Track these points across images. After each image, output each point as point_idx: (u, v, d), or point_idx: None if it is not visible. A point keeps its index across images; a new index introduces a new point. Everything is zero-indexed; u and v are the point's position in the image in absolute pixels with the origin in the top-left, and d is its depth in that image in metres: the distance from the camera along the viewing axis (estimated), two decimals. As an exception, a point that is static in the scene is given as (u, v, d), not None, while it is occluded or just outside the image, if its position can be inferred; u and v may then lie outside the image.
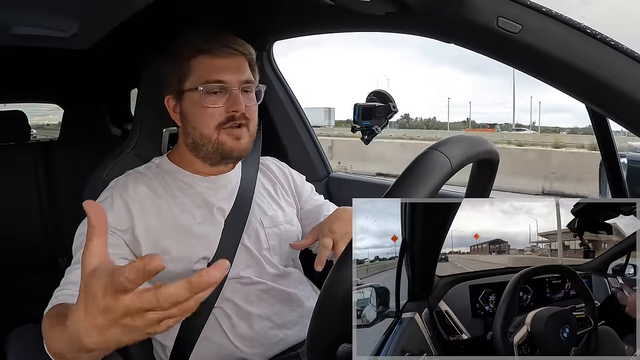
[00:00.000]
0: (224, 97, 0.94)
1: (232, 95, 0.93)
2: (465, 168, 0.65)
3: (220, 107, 0.93)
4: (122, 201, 0.93)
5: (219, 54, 0.94)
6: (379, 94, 1.15)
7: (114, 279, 0.49)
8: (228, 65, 0.94)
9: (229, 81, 0.93)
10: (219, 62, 0.94)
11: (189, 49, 0.95)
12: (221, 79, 0.93)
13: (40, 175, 2.17)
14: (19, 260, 2.04)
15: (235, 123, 0.94)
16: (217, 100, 0.93)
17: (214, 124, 0.94)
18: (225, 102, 0.93)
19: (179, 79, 0.96)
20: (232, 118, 0.94)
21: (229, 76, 0.94)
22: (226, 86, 0.93)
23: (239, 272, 0.97)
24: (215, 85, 0.93)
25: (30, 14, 1.16)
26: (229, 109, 0.93)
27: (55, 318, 0.70)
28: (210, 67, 0.93)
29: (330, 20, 1.15)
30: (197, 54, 0.94)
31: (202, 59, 0.94)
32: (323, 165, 1.54)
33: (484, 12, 0.69)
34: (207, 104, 0.93)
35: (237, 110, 0.93)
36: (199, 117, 0.94)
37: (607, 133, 0.92)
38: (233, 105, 0.93)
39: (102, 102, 2.35)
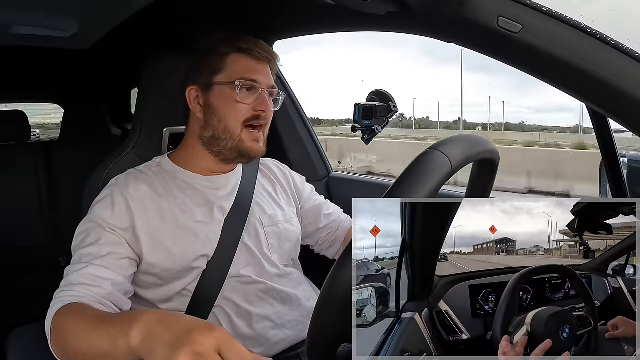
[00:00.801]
0: (254, 96, 0.97)
1: (261, 96, 0.97)
2: (465, 168, 0.65)
3: (249, 105, 0.97)
4: (123, 199, 0.93)
5: (256, 56, 0.98)
6: (380, 94, 1.15)
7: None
8: (261, 68, 0.99)
9: (261, 82, 0.98)
10: (254, 64, 0.98)
11: (226, 46, 0.98)
12: (255, 79, 0.97)
13: (41, 175, 2.17)
14: (19, 260, 2.04)
15: (258, 122, 0.98)
16: (248, 98, 0.97)
17: (241, 119, 0.97)
18: (254, 101, 0.97)
19: (211, 72, 0.98)
20: (257, 117, 0.97)
21: (261, 78, 0.98)
22: (257, 86, 0.97)
23: (239, 270, 0.97)
24: (249, 83, 0.97)
25: (31, 14, 1.16)
26: (257, 107, 0.97)
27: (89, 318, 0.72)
28: (246, 66, 0.97)
29: (331, 20, 1.15)
30: (234, 51, 0.98)
31: (239, 57, 0.98)
32: (323, 165, 1.54)
33: (484, 12, 0.69)
34: (240, 99, 0.96)
35: (264, 109, 0.97)
36: (228, 110, 0.97)
37: (607, 133, 0.92)
38: (261, 105, 0.97)
39: (103, 102, 2.35)
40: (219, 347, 0.54)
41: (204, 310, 0.94)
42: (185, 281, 0.94)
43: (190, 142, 1.03)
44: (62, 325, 0.74)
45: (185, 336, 0.55)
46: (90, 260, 0.85)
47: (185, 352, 0.53)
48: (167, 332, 0.57)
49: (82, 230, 0.90)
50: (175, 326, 0.57)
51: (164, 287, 0.94)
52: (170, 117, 1.07)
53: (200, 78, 0.99)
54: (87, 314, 0.74)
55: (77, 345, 0.71)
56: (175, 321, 0.58)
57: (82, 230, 0.90)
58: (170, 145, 1.13)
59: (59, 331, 0.74)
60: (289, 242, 1.06)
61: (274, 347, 0.96)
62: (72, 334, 0.72)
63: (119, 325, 0.64)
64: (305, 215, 1.15)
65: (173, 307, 0.95)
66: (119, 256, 0.88)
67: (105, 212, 0.90)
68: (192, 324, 0.58)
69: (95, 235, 0.88)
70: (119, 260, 0.88)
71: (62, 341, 0.73)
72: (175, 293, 0.94)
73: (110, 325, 0.66)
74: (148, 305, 0.96)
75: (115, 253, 0.87)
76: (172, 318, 0.60)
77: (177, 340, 0.55)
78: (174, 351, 0.54)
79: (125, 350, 0.62)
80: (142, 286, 0.94)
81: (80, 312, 0.75)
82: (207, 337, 0.55)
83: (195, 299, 0.94)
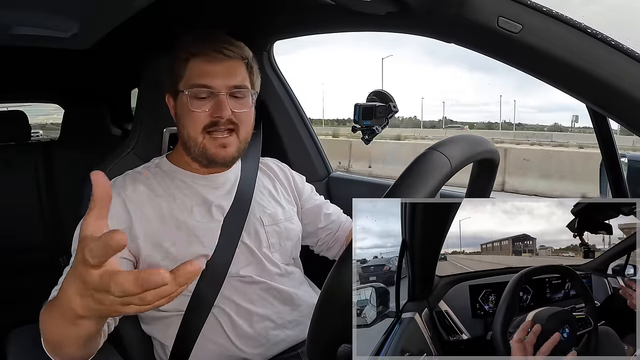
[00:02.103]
0: (211, 102, 0.94)
1: (218, 101, 0.93)
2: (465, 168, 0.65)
3: (206, 112, 0.94)
4: (121, 201, 0.93)
5: (209, 59, 0.94)
6: (380, 94, 1.15)
7: (84, 251, 0.51)
8: (217, 71, 0.94)
9: (216, 86, 0.94)
10: (208, 67, 0.94)
11: (184, 51, 0.96)
12: (208, 84, 0.93)
13: (41, 175, 2.17)
14: (19, 260, 2.04)
15: (219, 128, 0.94)
16: (203, 105, 0.94)
17: (199, 127, 0.94)
18: (211, 107, 0.94)
19: (175, 79, 0.97)
20: (216, 123, 0.94)
21: (216, 81, 0.94)
22: (213, 91, 0.94)
23: (239, 270, 0.97)
24: (202, 90, 0.94)
25: (31, 14, 1.16)
26: (214, 114, 0.94)
27: (50, 304, 0.70)
28: (199, 72, 0.94)
29: (331, 20, 1.15)
30: (190, 57, 0.95)
31: (194, 62, 0.95)
32: (323, 165, 1.54)
33: (484, 12, 0.69)
34: (193, 108, 0.94)
35: (220, 116, 0.93)
36: (186, 119, 0.95)
37: (607, 132, 0.92)
38: (217, 110, 0.93)
39: (103, 102, 2.35)
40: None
41: (204, 309, 0.93)
42: None
43: (180, 145, 1.03)
44: (43, 315, 0.72)
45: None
46: None
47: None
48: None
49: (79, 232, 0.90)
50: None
51: None
52: (170, 118, 1.07)
53: (170, 86, 0.99)
54: (48, 306, 0.72)
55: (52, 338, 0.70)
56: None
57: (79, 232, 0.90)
58: (170, 146, 1.13)
59: (42, 329, 0.73)
60: (290, 241, 1.06)
61: (274, 347, 0.96)
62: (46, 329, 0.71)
63: (59, 303, 0.62)
64: (305, 214, 1.15)
65: (173, 306, 0.94)
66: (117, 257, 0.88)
67: None
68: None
69: None
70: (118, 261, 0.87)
71: (45, 337, 0.72)
72: None
73: (54, 306, 0.65)
74: None
75: None
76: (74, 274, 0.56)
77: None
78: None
79: (70, 316, 0.60)
80: None
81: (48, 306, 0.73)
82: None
83: (194, 299, 0.94)
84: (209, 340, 0.94)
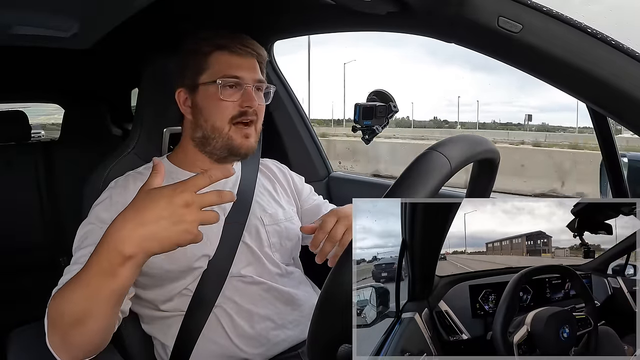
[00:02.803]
0: (239, 93, 0.97)
1: (247, 92, 0.97)
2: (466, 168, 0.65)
3: (235, 102, 0.97)
4: (122, 201, 0.92)
5: (237, 52, 0.98)
6: (380, 94, 1.16)
7: (180, 190, 0.71)
8: (244, 64, 0.98)
9: (245, 78, 0.97)
10: (236, 59, 0.98)
11: (207, 45, 0.98)
12: (238, 75, 0.97)
13: (41, 176, 2.17)
14: (19, 260, 2.04)
15: (247, 118, 0.97)
16: (232, 95, 0.97)
17: (227, 117, 0.97)
18: (240, 97, 0.97)
19: (195, 73, 0.98)
20: (245, 113, 0.97)
21: (245, 73, 0.97)
22: (241, 82, 0.97)
23: (240, 270, 0.97)
24: (232, 80, 0.97)
25: (31, 14, 1.16)
26: (243, 103, 0.97)
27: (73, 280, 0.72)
28: (228, 63, 0.97)
29: (331, 20, 1.15)
30: (216, 49, 0.98)
31: (221, 55, 0.98)
32: (323, 165, 1.54)
33: (484, 12, 0.69)
34: (224, 97, 0.96)
35: (250, 105, 0.97)
36: (214, 109, 0.97)
37: (607, 132, 0.92)
38: (247, 100, 0.97)
39: (103, 102, 2.35)
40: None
41: (204, 309, 0.94)
42: (186, 281, 0.94)
43: (185, 143, 1.04)
44: (53, 308, 0.73)
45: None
46: None
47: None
48: (148, 216, 0.69)
49: (82, 231, 0.91)
50: (149, 210, 0.70)
51: (165, 287, 0.94)
52: (170, 117, 1.07)
53: (185, 79, 1.00)
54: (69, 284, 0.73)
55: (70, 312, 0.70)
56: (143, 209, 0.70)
57: (82, 231, 0.91)
58: (170, 146, 1.13)
59: (52, 316, 0.73)
60: (290, 241, 1.06)
61: (275, 347, 0.96)
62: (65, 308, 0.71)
63: (97, 260, 0.68)
64: (304, 214, 1.15)
65: (174, 306, 0.95)
66: None
67: (104, 214, 0.91)
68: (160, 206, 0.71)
69: (93, 237, 0.88)
70: None
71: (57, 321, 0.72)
72: (176, 293, 0.94)
73: (90, 267, 0.69)
74: (149, 306, 0.96)
75: None
76: (133, 212, 0.70)
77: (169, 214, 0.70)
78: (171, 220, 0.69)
79: (117, 275, 0.67)
80: (142, 287, 0.94)
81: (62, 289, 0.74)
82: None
83: (195, 299, 0.94)
84: (210, 340, 0.94)
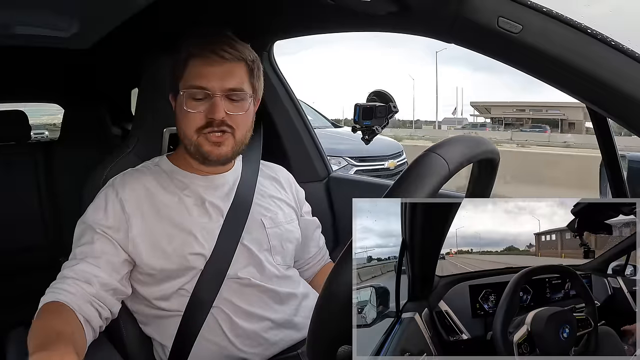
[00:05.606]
0: (207, 103, 0.94)
1: (213, 103, 0.94)
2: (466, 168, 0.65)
3: (201, 113, 0.94)
4: (118, 200, 0.93)
5: (207, 60, 0.94)
6: (380, 94, 1.16)
7: None
8: (213, 72, 0.94)
9: (211, 88, 0.94)
10: (205, 69, 0.94)
11: (184, 52, 0.96)
12: (203, 86, 0.94)
13: (41, 175, 2.17)
14: (18, 260, 2.04)
15: (214, 129, 0.95)
16: (198, 106, 0.94)
17: (193, 127, 0.95)
18: (206, 108, 0.94)
19: (176, 79, 0.97)
20: (210, 124, 0.94)
21: (212, 83, 0.94)
22: (209, 93, 0.94)
23: (237, 272, 0.96)
24: (198, 92, 0.94)
25: (31, 14, 1.16)
26: (208, 115, 0.94)
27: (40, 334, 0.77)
28: (197, 73, 0.94)
29: (331, 20, 1.15)
30: (189, 56, 0.95)
31: (193, 63, 0.95)
32: (323, 165, 1.54)
33: (484, 12, 0.69)
34: (188, 109, 0.94)
35: (214, 117, 0.94)
36: (182, 118, 0.96)
37: (607, 133, 0.92)
38: (211, 112, 0.93)
39: (103, 102, 2.35)
40: None
41: (202, 310, 0.93)
42: (181, 280, 0.94)
43: (182, 144, 1.03)
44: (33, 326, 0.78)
45: None
46: (83, 258, 0.89)
47: None
48: None
49: (78, 230, 0.94)
50: None
51: (160, 285, 0.94)
52: (170, 117, 1.07)
53: (171, 84, 0.99)
54: (41, 329, 0.78)
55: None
56: None
57: (77, 230, 0.94)
58: (170, 146, 1.13)
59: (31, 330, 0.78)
60: (291, 244, 1.06)
61: (273, 347, 0.96)
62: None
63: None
64: (302, 222, 1.14)
65: (171, 306, 0.95)
66: (110, 257, 0.90)
67: (97, 213, 0.92)
68: None
69: (88, 236, 0.92)
70: (110, 262, 0.90)
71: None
72: (172, 292, 0.94)
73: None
74: (145, 302, 0.96)
75: (106, 254, 0.90)
76: None
77: None
78: None
79: None
80: (138, 283, 0.95)
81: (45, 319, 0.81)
82: None
83: (193, 300, 0.94)
84: (208, 341, 0.94)
